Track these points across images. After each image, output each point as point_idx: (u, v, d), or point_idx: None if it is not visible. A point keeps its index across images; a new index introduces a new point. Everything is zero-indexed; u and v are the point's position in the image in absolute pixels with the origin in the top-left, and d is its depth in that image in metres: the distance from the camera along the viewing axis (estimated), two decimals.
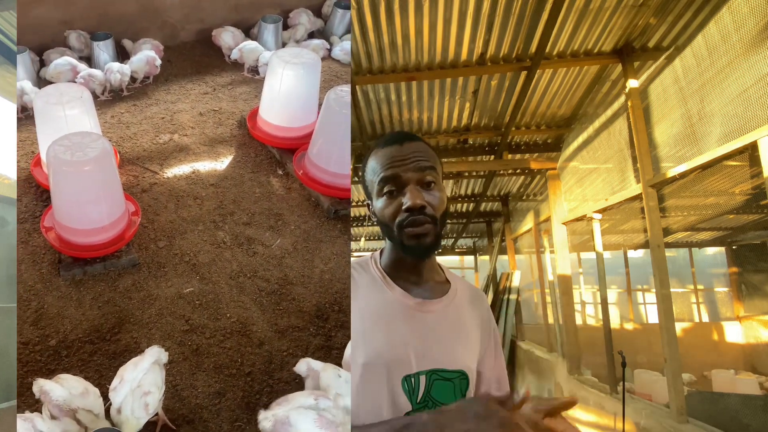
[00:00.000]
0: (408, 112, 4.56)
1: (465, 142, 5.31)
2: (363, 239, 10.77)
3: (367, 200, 0.88)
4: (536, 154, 5.52)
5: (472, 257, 12.84)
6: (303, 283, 2.00)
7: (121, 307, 1.84)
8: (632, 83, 3.48)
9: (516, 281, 7.73)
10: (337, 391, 1.45)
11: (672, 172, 3.02)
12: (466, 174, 6.33)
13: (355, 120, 4.54)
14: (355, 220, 9.03)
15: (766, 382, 5.69)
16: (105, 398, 1.46)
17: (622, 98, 3.67)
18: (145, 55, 2.88)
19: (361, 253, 11.10)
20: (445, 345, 0.80)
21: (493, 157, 5.49)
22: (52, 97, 2.11)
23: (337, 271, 2.07)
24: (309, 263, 2.08)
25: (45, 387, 1.37)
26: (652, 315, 8.95)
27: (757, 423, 3.50)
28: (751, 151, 2.40)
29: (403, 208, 0.79)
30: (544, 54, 3.41)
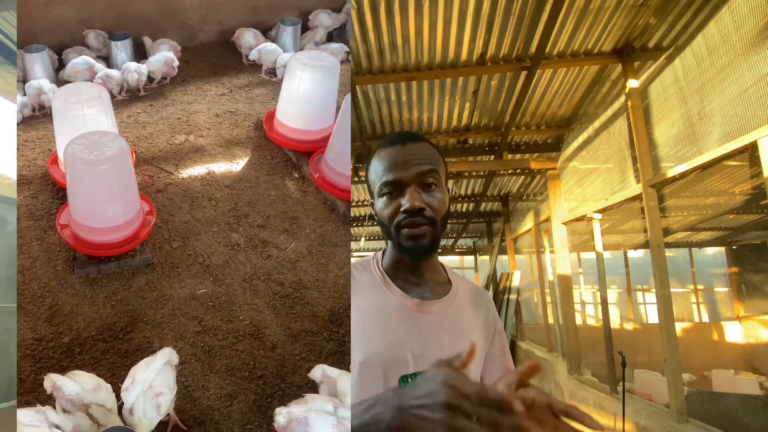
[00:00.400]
0: (408, 112, 4.56)
1: (465, 142, 5.31)
2: (363, 239, 10.76)
3: (371, 200, 0.88)
4: (536, 154, 5.52)
5: (472, 257, 12.84)
6: (317, 288, 1.98)
7: (135, 306, 1.84)
8: (632, 83, 3.48)
9: (516, 281, 7.73)
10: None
11: (672, 172, 3.03)
12: (466, 174, 6.34)
13: (355, 120, 4.54)
14: (355, 220, 9.04)
15: (766, 382, 5.67)
16: (117, 396, 1.46)
17: (622, 98, 3.67)
18: (163, 56, 2.89)
19: (363, 254, 11.11)
20: (444, 345, 0.80)
21: (493, 157, 5.49)
22: (71, 95, 2.12)
23: None
24: (323, 267, 2.06)
25: (58, 382, 1.38)
26: (652, 315, 8.95)
27: (757, 423, 3.50)
28: (751, 151, 2.40)
29: (402, 209, 0.79)
30: (544, 54, 3.41)
